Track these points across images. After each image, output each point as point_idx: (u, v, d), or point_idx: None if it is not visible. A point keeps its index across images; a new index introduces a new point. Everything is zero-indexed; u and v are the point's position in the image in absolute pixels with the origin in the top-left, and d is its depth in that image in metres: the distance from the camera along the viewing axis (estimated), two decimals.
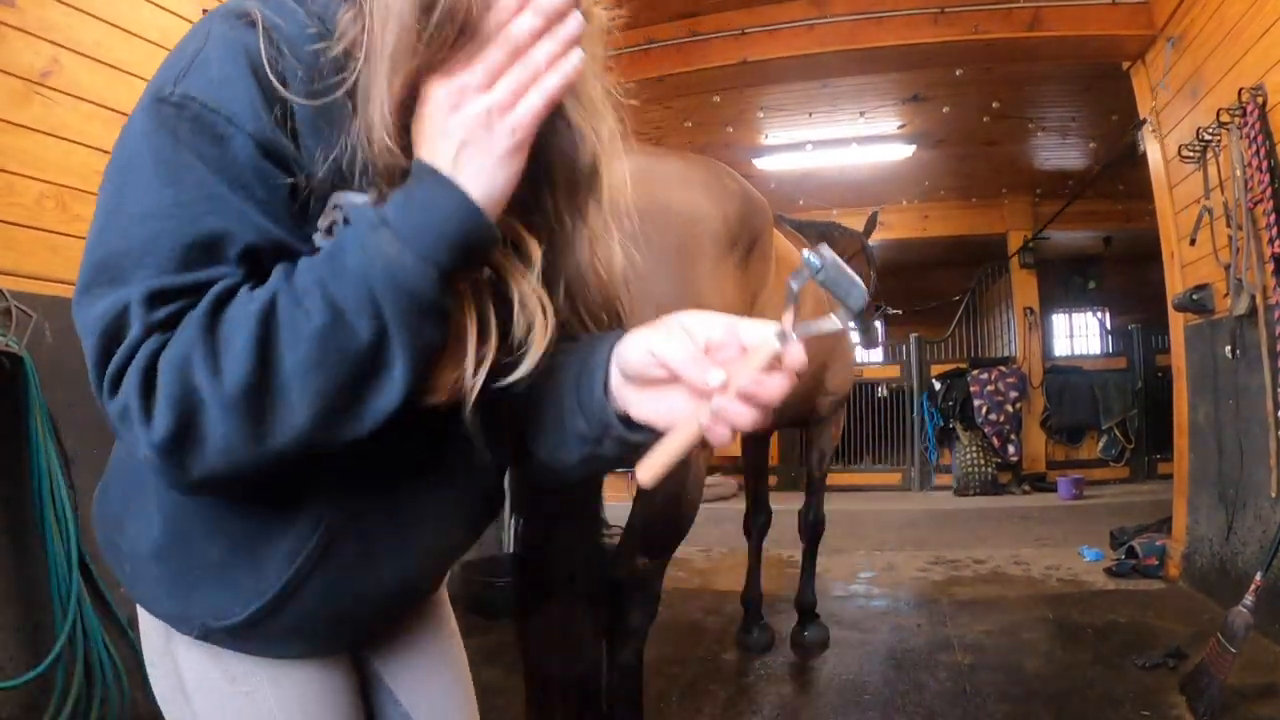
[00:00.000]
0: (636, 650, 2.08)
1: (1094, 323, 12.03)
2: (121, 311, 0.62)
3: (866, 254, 4.49)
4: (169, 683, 0.85)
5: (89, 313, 0.63)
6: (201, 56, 0.66)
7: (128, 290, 0.62)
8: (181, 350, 0.60)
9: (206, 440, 0.60)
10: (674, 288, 2.06)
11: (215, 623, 0.79)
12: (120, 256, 0.64)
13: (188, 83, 0.65)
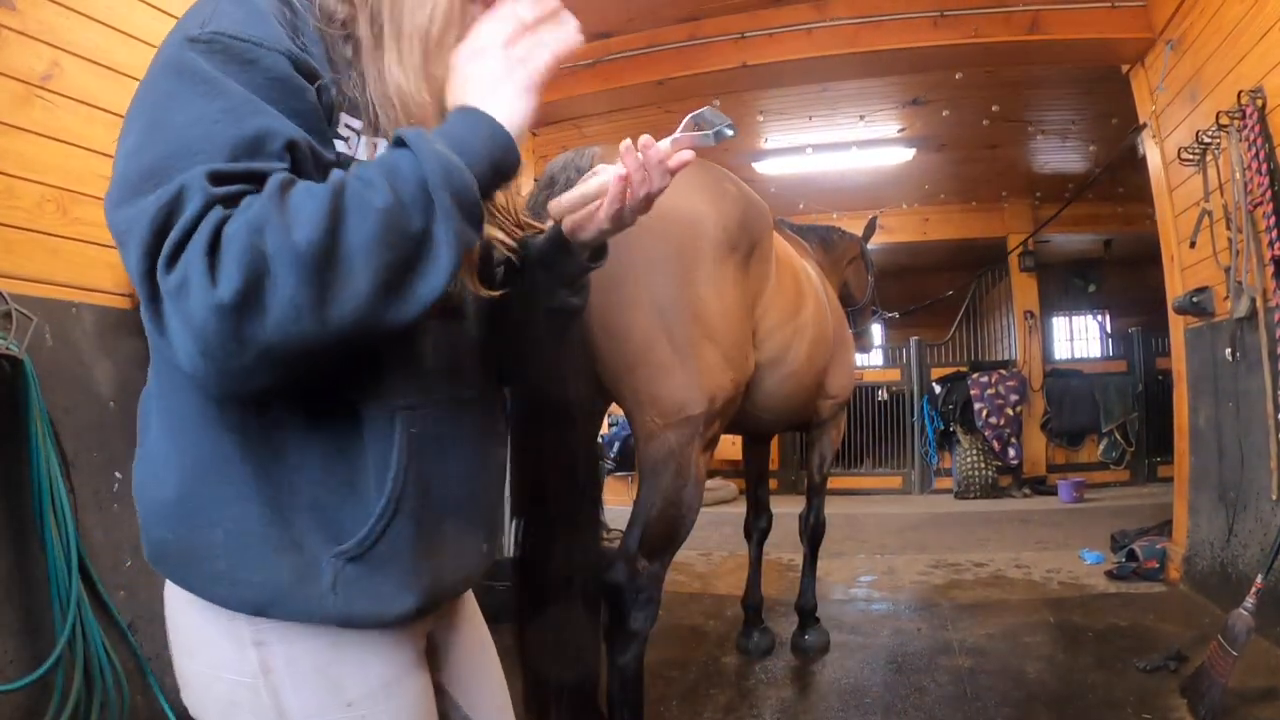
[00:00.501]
0: (636, 654, 2.08)
1: (1094, 326, 12.02)
2: (176, 194, 0.63)
3: (865, 258, 4.50)
4: (242, 681, 0.81)
5: (131, 209, 0.64)
6: (220, 7, 0.74)
7: (173, 182, 0.64)
8: (252, 218, 0.62)
9: (271, 304, 0.62)
10: (675, 292, 2.06)
11: (335, 554, 0.78)
12: (166, 159, 0.66)
13: (214, 25, 0.72)
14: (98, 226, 2.67)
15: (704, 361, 2.09)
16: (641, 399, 2.09)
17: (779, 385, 2.59)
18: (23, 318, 2.34)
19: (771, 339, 2.48)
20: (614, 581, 2.05)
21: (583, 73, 5.17)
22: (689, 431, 2.08)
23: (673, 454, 2.08)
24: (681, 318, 2.06)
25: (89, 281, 2.65)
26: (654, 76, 5.08)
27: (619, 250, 2.03)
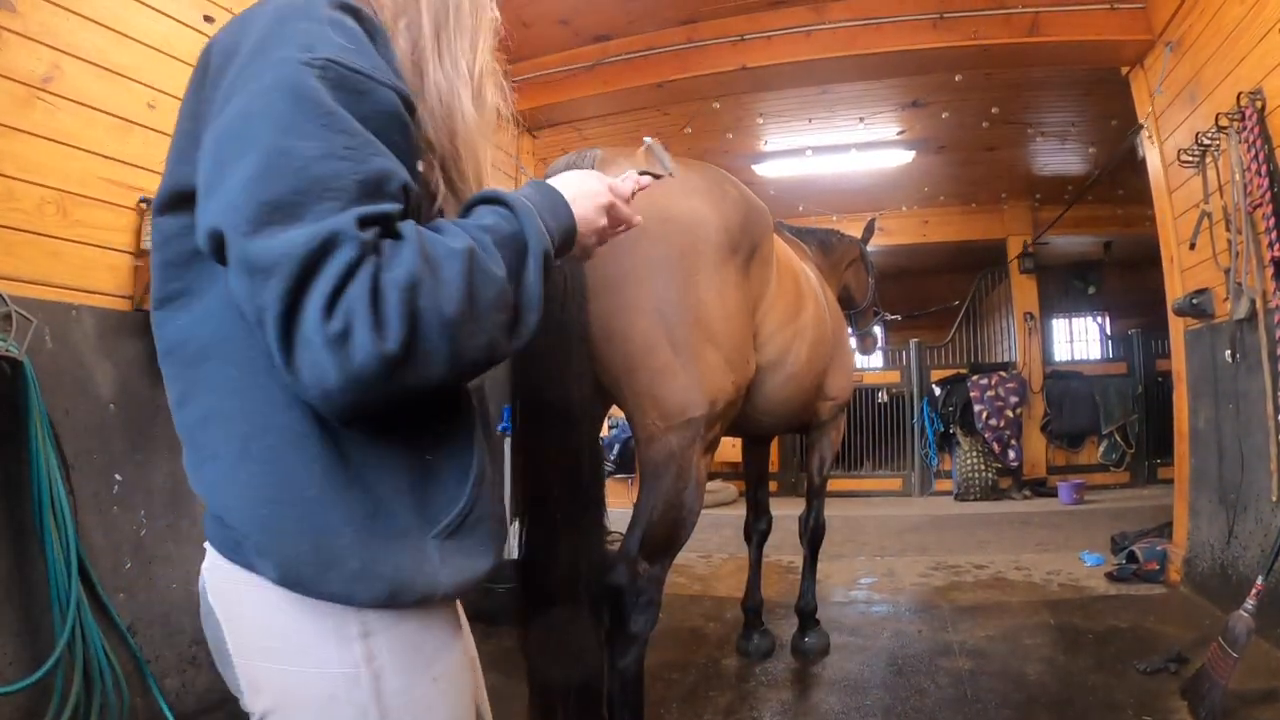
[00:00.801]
0: (637, 656, 2.08)
1: (1094, 328, 12.03)
2: (329, 237, 0.68)
3: (864, 261, 4.50)
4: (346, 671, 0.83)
5: (272, 245, 0.68)
6: (327, 27, 0.77)
7: (326, 221, 0.69)
8: (407, 275, 0.70)
9: (420, 355, 0.71)
10: (676, 295, 2.06)
11: (442, 524, 0.86)
12: (297, 193, 0.69)
13: (324, 51, 0.75)
14: (98, 228, 2.67)
15: (705, 364, 2.09)
16: (643, 401, 2.09)
17: (779, 388, 2.59)
18: (23, 320, 2.34)
19: (772, 341, 2.48)
20: (614, 584, 2.05)
21: (582, 75, 5.18)
22: (690, 434, 2.08)
23: (674, 456, 2.08)
24: (683, 320, 2.06)
25: (89, 283, 2.65)
26: (653, 79, 5.08)
27: (620, 253, 2.03)
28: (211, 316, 0.85)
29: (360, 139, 0.74)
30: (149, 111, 2.85)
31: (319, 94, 0.73)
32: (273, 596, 0.82)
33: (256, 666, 0.86)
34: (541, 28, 4.84)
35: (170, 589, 2.84)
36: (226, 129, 0.73)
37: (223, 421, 0.84)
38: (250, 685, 0.86)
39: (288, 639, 0.84)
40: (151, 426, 2.83)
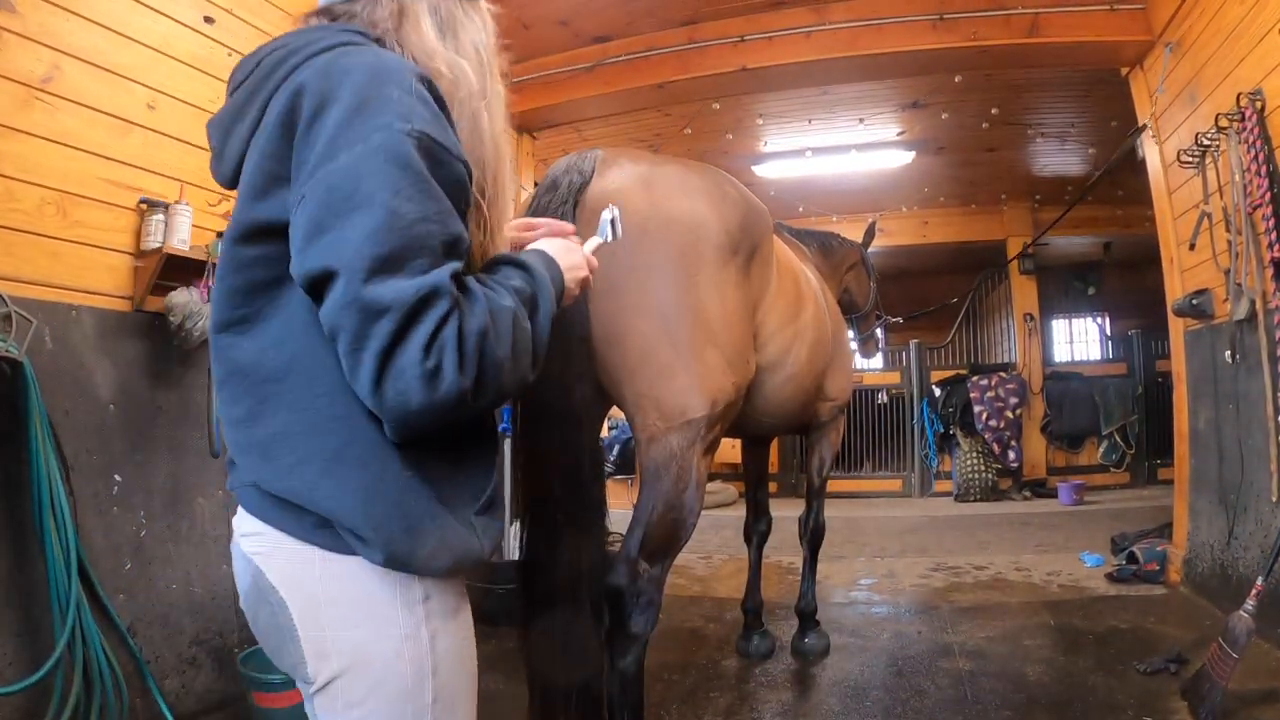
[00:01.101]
0: (637, 657, 2.07)
1: (1094, 328, 12.04)
2: (433, 290, 0.86)
3: (865, 264, 4.50)
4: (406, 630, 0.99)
5: (387, 291, 0.84)
6: (416, 101, 0.93)
7: (428, 276, 0.86)
8: (480, 325, 0.90)
9: (484, 388, 0.90)
10: (676, 295, 2.06)
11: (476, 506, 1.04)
12: (403, 249, 0.86)
13: (418, 125, 0.91)
14: (97, 229, 2.67)
15: (705, 365, 2.09)
16: (643, 402, 2.09)
17: (779, 388, 2.59)
18: (23, 320, 2.35)
19: (772, 342, 2.48)
20: (614, 585, 2.05)
21: (582, 76, 5.18)
22: (690, 435, 2.08)
23: (674, 457, 2.07)
24: (683, 321, 2.06)
25: (89, 284, 2.65)
26: (653, 80, 5.08)
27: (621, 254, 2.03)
28: (289, 341, 0.97)
29: (444, 206, 0.91)
30: (149, 112, 2.85)
31: (418, 164, 0.89)
32: (349, 571, 0.97)
33: (325, 636, 0.97)
34: (541, 29, 4.85)
35: (170, 589, 2.84)
36: (340, 183, 0.87)
37: (309, 434, 0.96)
38: (316, 654, 0.97)
39: (359, 607, 0.97)
40: (151, 427, 2.83)
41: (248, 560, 1.01)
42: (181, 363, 2.94)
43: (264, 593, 0.99)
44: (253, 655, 2.85)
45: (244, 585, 1.04)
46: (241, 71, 1.06)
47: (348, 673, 0.97)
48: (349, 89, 0.90)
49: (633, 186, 2.13)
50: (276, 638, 1.00)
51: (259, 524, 1.00)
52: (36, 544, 2.35)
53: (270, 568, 0.99)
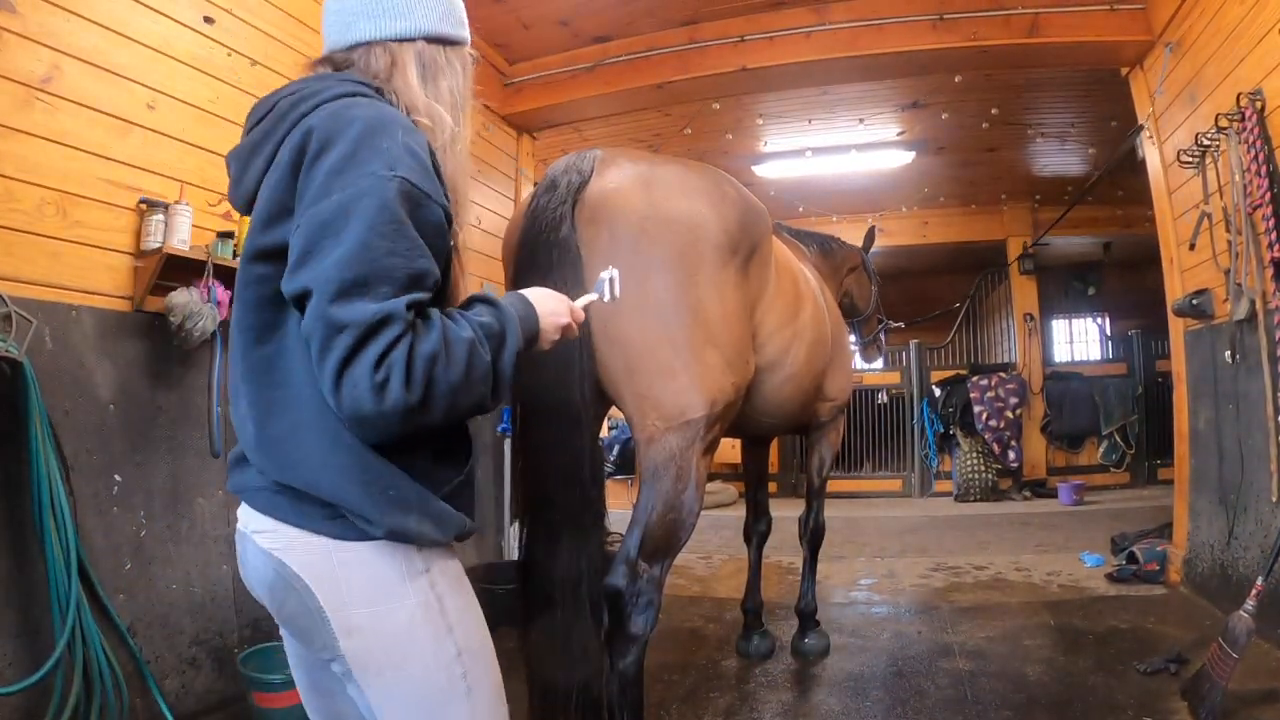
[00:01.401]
0: (637, 657, 2.07)
1: (1094, 328, 12.04)
2: (388, 314, 0.98)
3: (866, 268, 4.50)
4: (419, 599, 1.13)
5: (349, 311, 0.97)
6: (403, 151, 1.06)
7: (387, 302, 0.99)
8: (431, 349, 1.01)
9: (429, 407, 1.01)
10: (676, 295, 2.06)
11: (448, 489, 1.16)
12: (369, 277, 0.99)
13: (402, 171, 1.05)
14: (97, 229, 2.67)
15: (705, 365, 2.09)
16: (642, 402, 2.09)
17: (778, 388, 2.59)
18: (23, 320, 2.34)
19: (770, 342, 2.48)
20: (614, 585, 2.04)
21: (582, 76, 5.18)
22: (690, 435, 2.08)
23: (673, 457, 2.07)
24: (682, 321, 2.06)
25: (89, 284, 2.65)
26: (653, 80, 5.08)
27: (621, 254, 2.03)
28: (292, 350, 1.10)
29: (416, 244, 1.04)
30: (148, 112, 2.85)
31: (395, 205, 1.02)
32: (359, 555, 1.10)
33: (350, 613, 1.09)
34: (541, 29, 4.85)
35: (170, 590, 2.84)
36: (328, 218, 1.01)
37: (311, 430, 1.08)
38: (344, 631, 1.10)
39: (374, 584, 1.10)
40: (151, 427, 2.83)
41: (267, 555, 1.12)
42: (181, 363, 2.94)
43: (289, 581, 1.10)
44: (253, 655, 2.85)
45: (265, 578, 1.14)
46: (258, 112, 1.21)
47: (375, 644, 1.11)
48: (348, 137, 1.04)
49: (631, 186, 2.13)
50: (307, 620, 1.12)
51: (271, 521, 1.11)
52: (36, 544, 2.35)
53: (291, 560, 1.10)
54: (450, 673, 1.15)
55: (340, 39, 1.25)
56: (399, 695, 1.13)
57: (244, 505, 1.18)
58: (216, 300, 2.86)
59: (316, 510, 1.09)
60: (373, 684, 1.12)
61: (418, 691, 1.13)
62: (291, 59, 3.48)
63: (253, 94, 3.27)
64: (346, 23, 1.24)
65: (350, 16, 1.24)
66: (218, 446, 2.97)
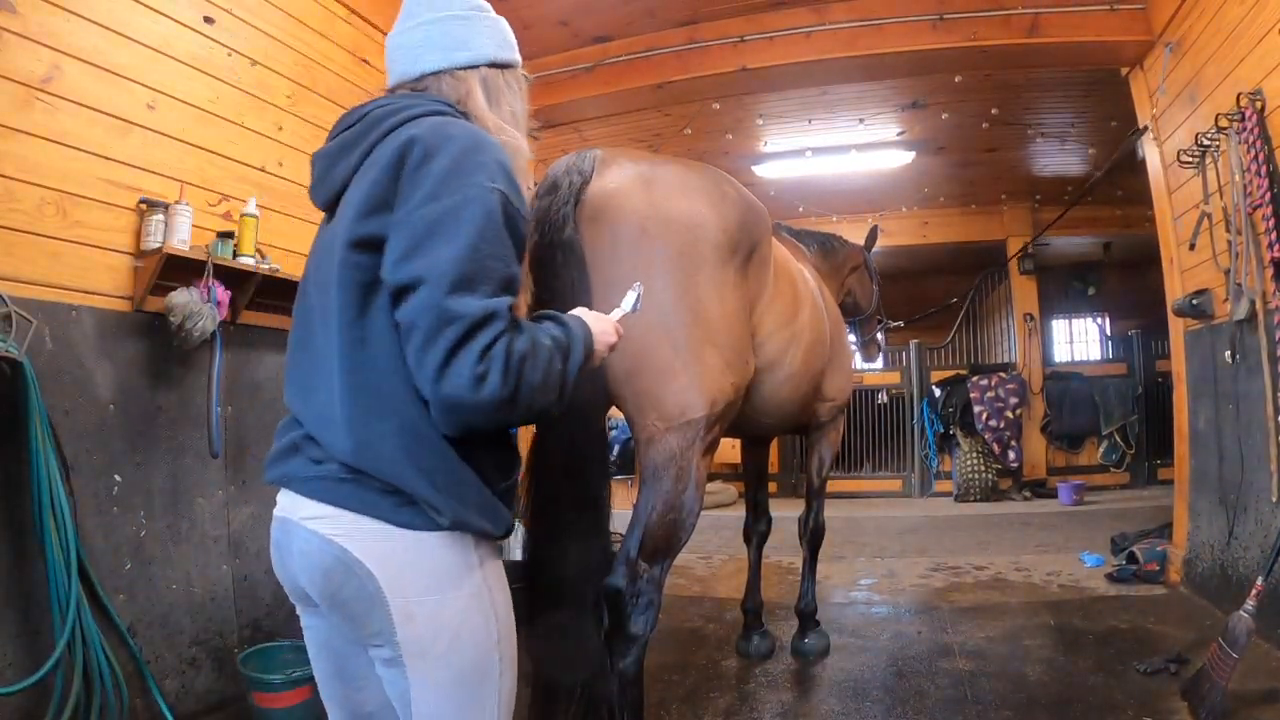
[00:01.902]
0: (637, 658, 2.07)
1: (1094, 328, 12.04)
2: (494, 311, 1.09)
3: (868, 267, 4.50)
4: (472, 589, 1.21)
5: (460, 304, 1.07)
6: (498, 168, 1.18)
7: (492, 300, 1.10)
8: (523, 349, 1.11)
9: (517, 402, 1.10)
10: (676, 295, 2.06)
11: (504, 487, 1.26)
12: (476, 276, 1.09)
13: (503, 186, 1.16)
14: (97, 229, 2.67)
15: (705, 365, 2.09)
16: (642, 403, 2.09)
17: (776, 389, 2.59)
18: (23, 320, 2.34)
19: (769, 343, 2.48)
20: (614, 585, 2.04)
21: (582, 76, 5.19)
22: (690, 435, 2.08)
23: (674, 458, 2.07)
24: (683, 321, 2.06)
25: (89, 284, 2.65)
26: (653, 80, 5.09)
27: (621, 254, 2.03)
28: (378, 339, 1.16)
29: (509, 251, 1.15)
30: (148, 112, 2.85)
31: (498, 215, 1.14)
32: (425, 544, 1.16)
33: (411, 600, 1.16)
34: (541, 29, 4.85)
35: (170, 590, 2.84)
36: (438, 219, 1.11)
37: (399, 421, 1.15)
38: (404, 616, 1.15)
39: (435, 573, 1.18)
40: (151, 427, 2.83)
41: (325, 540, 1.17)
42: (181, 363, 2.94)
43: (350, 567, 1.15)
44: (253, 655, 2.85)
45: (321, 563, 1.18)
46: (348, 120, 1.32)
47: (432, 631, 1.17)
48: (451, 151, 1.15)
49: (632, 186, 2.13)
50: (364, 605, 1.16)
51: (331, 508, 1.17)
52: (36, 544, 2.35)
53: (354, 545, 1.15)
54: (489, 658, 1.23)
55: (409, 70, 1.35)
56: (442, 679, 1.19)
57: (288, 493, 1.24)
58: (216, 300, 2.86)
59: (386, 499, 1.15)
60: (418, 668, 1.17)
61: (459, 676, 1.20)
62: (291, 59, 3.48)
63: (253, 94, 3.27)
64: (415, 55, 1.34)
65: (419, 50, 1.34)
66: (217, 446, 2.97)
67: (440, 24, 1.35)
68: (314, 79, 3.61)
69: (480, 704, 1.24)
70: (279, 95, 3.42)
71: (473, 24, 1.37)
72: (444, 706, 1.20)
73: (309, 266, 1.31)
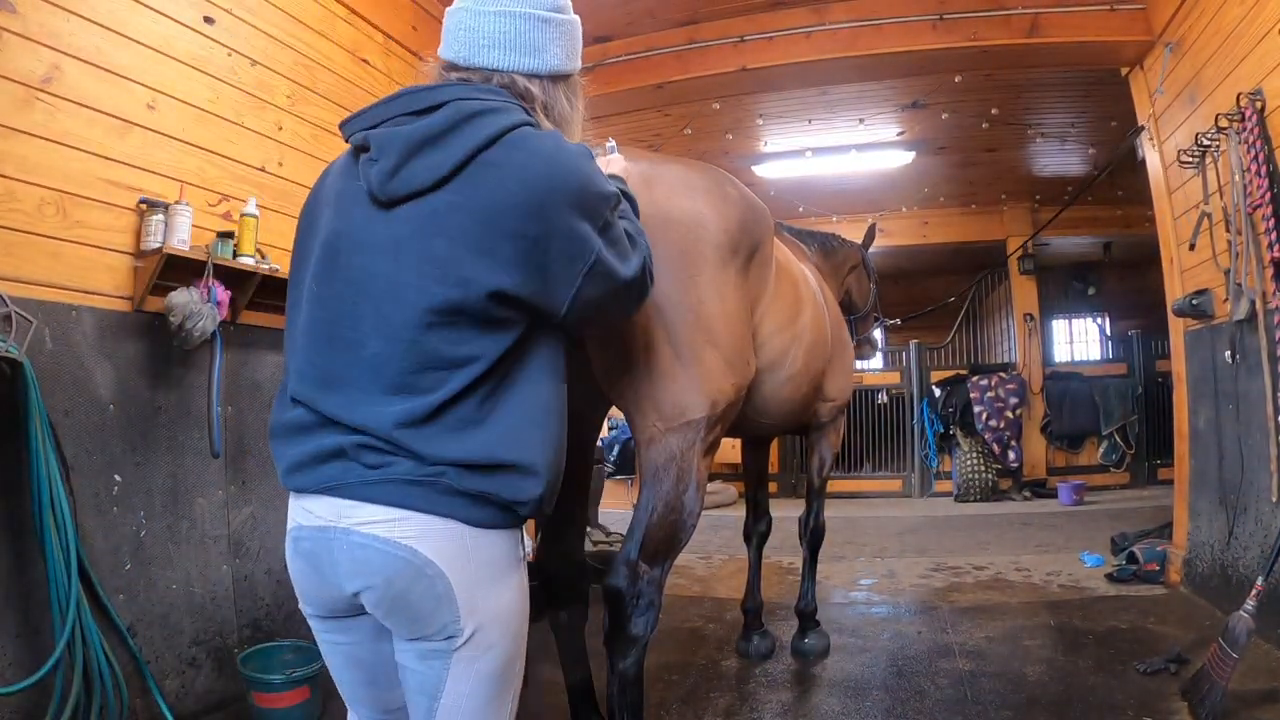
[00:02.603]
0: (637, 659, 2.07)
1: (1094, 328, 12.04)
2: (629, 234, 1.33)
3: (866, 266, 4.49)
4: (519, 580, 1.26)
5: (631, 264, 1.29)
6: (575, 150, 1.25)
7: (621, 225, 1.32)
8: (646, 248, 1.37)
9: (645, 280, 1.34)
10: (676, 295, 2.05)
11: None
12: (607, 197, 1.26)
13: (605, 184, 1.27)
14: (97, 229, 2.67)
15: (705, 365, 2.08)
16: (642, 403, 2.08)
17: (777, 389, 2.59)
18: (23, 320, 2.34)
19: (770, 343, 2.48)
20: (614, 586, 2.04)
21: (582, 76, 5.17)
22: (690, 436, 2.08)
23: (674, 458, 2.07)
24: (683, 321, 2.06)
25: (89, 284, 2.65)
26: (653, 80, 5.08)
27: None
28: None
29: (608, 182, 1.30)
30: (148, 112, 2.85)
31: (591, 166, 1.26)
32: (491, 540, 1.19)
33: (475, 594, 1.18)
34: None
35: (170, 590, 2.84)
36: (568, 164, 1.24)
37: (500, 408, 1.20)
38: (469, 611, 1.17)
39: (497, 568, 1.21)
40: (151, 427, 2.83)
41: (391, 543, 1.14)
42: (181, 363, 2.94)
43: (421, 568, 1.14)
44: (253, 655, 2.85)
45: (382, 567, 1.15)
46: (420, 102, 1.25)
47: (490, 621, 1.19)
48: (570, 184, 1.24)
49: (633, 185, 2.13)
50: (431, 604, 1.16)
51: (396, 511, 1.14)
52: (36, 544, 2.35)
53: (424, 546, 1.14)
54: (520, 649, 1.27)
55: (471, 57, 1.29)
56: (485, 670, 1.21)
57: (328, 500, 1.17)
58: (216, 300, 2.86)
59: (456, 498, 1.15)
60: (466, 658, 1.19)
61: (499, 667, 1.23)
62: (291, 59, 3.48)
63: (252, 94, 3.27)
64: (481, 48, 1.29)
65: (486, 43, 1.28)
66: (217, 447, 2.97)
67: (515, 20, 1.29)
68: (314, 79, 3.60)
69: (507, 693, 1.26)
70: (279, 95, 3.42)
71: (550, 29, 1.33)
72: (476, 697, 1.21)
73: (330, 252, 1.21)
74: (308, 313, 1.22)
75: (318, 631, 1.30)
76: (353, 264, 1.17)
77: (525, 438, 1.19)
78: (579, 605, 2.39)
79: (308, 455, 1.18)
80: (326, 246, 1.21)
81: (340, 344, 1.17)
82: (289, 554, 1.25)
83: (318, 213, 1.27)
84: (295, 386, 1.22)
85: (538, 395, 1.23)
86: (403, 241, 1.14)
